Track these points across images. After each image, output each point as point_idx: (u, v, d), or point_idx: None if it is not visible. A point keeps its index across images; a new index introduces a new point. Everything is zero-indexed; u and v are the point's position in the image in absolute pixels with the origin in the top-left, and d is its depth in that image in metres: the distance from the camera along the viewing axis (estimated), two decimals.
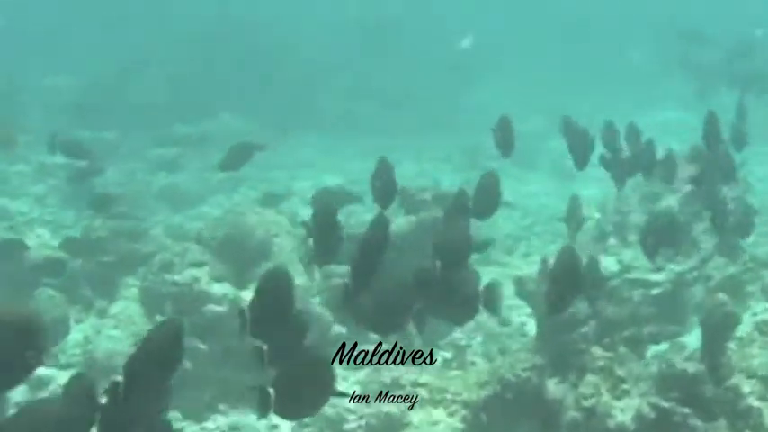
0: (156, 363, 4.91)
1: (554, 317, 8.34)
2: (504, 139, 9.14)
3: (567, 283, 6.48)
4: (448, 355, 10.89)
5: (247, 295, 9.84)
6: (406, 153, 20.43)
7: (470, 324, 11.42)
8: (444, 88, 25.58)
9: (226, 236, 10.52)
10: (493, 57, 28.61)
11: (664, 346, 10.17)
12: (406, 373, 8.77)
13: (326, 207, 6.68)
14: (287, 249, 10.64)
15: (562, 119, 9.98)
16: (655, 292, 11.18)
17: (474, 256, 7.36)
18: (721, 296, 8.44)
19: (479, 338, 11.28)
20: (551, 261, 6.74)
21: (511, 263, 13.73)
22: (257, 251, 10.54)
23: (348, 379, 10.06)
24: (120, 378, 4.83)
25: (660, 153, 9.87)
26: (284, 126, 21.92)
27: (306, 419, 8.71)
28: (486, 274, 11.94)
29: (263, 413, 5.14)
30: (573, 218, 11.05)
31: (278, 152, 20.75)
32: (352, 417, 8.45)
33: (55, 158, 15.37)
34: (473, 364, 10.43)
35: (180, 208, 16.88)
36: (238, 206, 12.44)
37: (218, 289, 9.94)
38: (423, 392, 8.70)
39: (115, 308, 10.50)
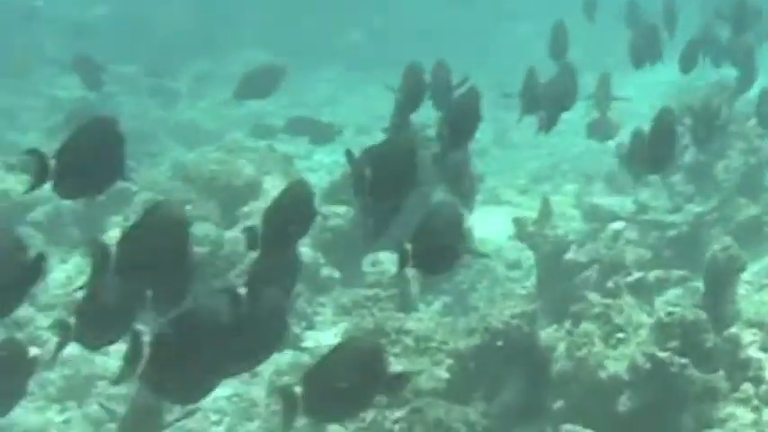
0: (291, 216, 4.97)
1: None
2: (558, 42, 8.83)
3: (663, 143, 6.79)
4: (449, 299, 10.40)
5: (231, 234, 9.43)
6: None
7: (475, 267, 11.00)
8: (477, 24, 24.76)
9: (212, 173, 10.04)
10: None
11: (676, 292, 9.62)
12: (390, 320, 8.24)
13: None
14: (278, 188, 10.13)
15: None
16: (671, 233, 10.64)
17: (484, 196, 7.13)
18: (727, 239, 7.88)
19: (484, 283, 10.75)
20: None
21: (523, 203, 13.13)
22: (245, 189, 10.06)
23: (337, 324, 9.63)
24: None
25: None
26: (308, 61, 21.33)
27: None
28: (495, 214, 11.45)
29: (401, 268, 5.20)
30: (601, 93, 10.99)
31: (302, 88, 20.24)
32: None
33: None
34: (475, 309, 9.91)
35: (195, 145, 16.39)
36: (230, 141, 11.86)
37: (201, 229, 9.43)
38: (407, 340, 8.19)
39: None
